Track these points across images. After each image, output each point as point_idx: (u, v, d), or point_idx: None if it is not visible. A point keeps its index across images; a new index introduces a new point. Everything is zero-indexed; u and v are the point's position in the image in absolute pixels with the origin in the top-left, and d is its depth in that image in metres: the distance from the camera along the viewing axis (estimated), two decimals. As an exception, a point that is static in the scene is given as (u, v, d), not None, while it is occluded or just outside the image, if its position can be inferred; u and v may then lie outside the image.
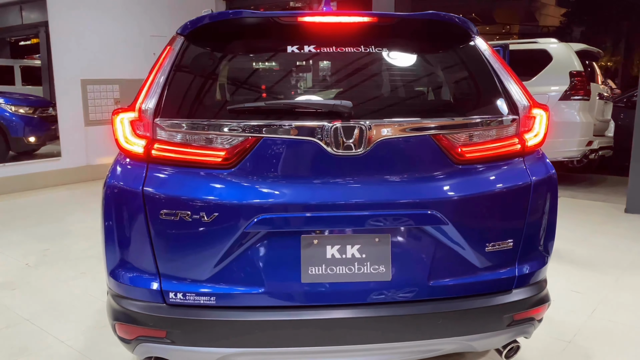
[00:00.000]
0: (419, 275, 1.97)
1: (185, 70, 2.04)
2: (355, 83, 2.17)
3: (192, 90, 2.02)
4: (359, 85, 2.17)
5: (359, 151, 1.89)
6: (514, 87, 2.08)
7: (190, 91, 2.02)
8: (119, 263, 1.98)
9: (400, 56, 2.20)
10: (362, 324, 1.95)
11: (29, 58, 10.87)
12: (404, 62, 2.22)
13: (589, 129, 7.14)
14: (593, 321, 3.22)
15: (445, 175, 1.96)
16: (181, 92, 1.99)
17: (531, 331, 2.17)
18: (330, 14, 2.11)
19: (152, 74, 2.01)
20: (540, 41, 7.58)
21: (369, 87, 2.20)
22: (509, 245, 2.04)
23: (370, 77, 2.18)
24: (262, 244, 1.91)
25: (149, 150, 1.93)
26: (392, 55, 2.17)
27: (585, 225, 5.45)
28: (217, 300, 1.92)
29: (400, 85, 2.24)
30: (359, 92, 2.13)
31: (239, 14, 2.10)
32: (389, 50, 2.15)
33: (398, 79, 2.24)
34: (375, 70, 2.19)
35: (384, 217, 1.91)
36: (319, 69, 2.28)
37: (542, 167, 2.11)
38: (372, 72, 2.18)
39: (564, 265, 4.21)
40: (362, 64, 2.14)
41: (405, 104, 2.13)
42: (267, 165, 1.90)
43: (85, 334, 3.05)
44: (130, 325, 1.97)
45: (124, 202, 1.92)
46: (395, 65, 2.21)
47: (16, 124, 8.20)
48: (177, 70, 2.01)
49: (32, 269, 4.16)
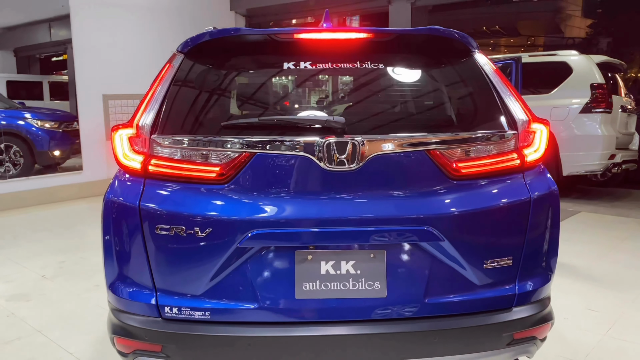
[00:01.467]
0: (415, 292, 1.94)
1: (183, 87, 2.07)
2: (350, 98, 2.18)
3: (189, 107, 2.05)
4: (354, 100, 2.17)
5: (352, 167, 1.88)
6: (512, 102, 2.06)
7: (188, 108, 2.04)
8: (117, 277, 2.01)
9: (397, 71, 2.19)
10: (357, 341, 1.93)
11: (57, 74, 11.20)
12: (400, 78, 2.21)
13: (611, 142, 6.99)
14: (607, 341, 3.13)
15: (441, 191, 1.94)
16: (178, 109, 2.02)
17: (533, 350, 2.12)
18: (327, 30, 2.12)
19: (151, 91, 2.05)
20: (560, 53, 7.49)
21: (365, 102, 2.20)
22: (508, 263, 2.00)
23: (367, 92, 2.18)
24: (256, 259, 1.91)
25: (146, 166, 1.96)
26: (389, 71, 2.17)
27: (605, 241, 5.32)
28: (212, 315, 1.92)
29: (396, 101, 2.23)
30: (354, 107, 2.13)
31: (237, 32, 2.13)
32: (385, 66, 2.15)
33: (394, 94, 2.23)
34: (372, 85, 2.19)
35: (379, 233, 1.89)
36: (315, 85, 2.29)
37: (543, 182, 2.07)
38: (368, 88, 2.18)
39: (580, 283, 4.11)
40: (358, 80, 2.14)
41: (400, 120, 2.13)
42: (260, 180, 1.91)
43: (94, 345, 3.08)
44: (128, 339, 1.98)
45: (122, 217, 1.95)
46: (392, 81, 2.21)
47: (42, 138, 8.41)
48: (175, 87, 2.05)
49: (48, 281, 4.24)
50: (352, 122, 1.97)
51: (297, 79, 2.28)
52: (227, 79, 2.19)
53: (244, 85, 2.24)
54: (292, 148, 1.88)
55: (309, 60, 2.12)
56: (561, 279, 4.17)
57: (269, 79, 2.28)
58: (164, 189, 1.95)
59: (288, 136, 1.91)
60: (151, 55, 8.26)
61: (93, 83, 7.72)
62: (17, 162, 7.79)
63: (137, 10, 8.28)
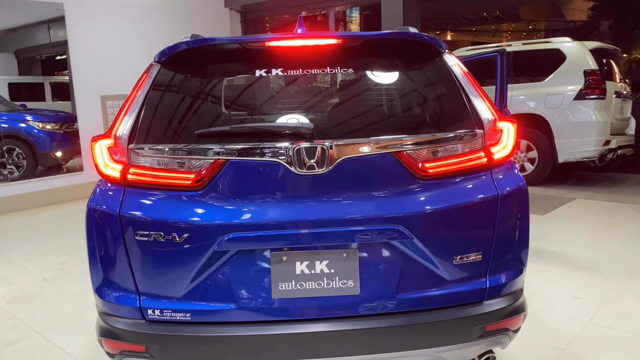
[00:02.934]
0: (388, 288, 2.01)
1: (160, 97, 2.14)
2: (321, 103, 2.24)
3: (165, 116, 2.12)
4: (325, 105, 2.23)
5: (322, 170, 1.95)
6: (479, 102, 2.11)
7: (164, 117, 2.12)
8: (102, 282, 2.09)
9: (367, 76, 2.25)
10: (333, 337, 2.00)
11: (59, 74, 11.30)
12: (370, 82, 2.27)
13: (605, 128, 7.01)
14: (591, 328, 3.20)
15: (409, 190, 2.01)
16: (155, 119, 2.09)
17: (506, 342, 2.19)
18: (299, 37, 2.18)
19: (129, 101, 2.12)
20: (553, 40, 7.49)
21: (335, 106, 2.26)
22: (478, 258, 2.06)
23: (337, 97, 2.25)
24: (233, 262, 1.99)
25: (125, 175, 2.04)
26: (359, 75, 2.23)
27: (597, 227, 5.37)
28: (193, 316, 2.01)
29: (366, 104, 2.29)
30: (325, 112, 2.20)
31: (213, 41, 2.19)
32: (355, 70, 2.21)
33: (364, 98, 2.29)
34: (342, 90, 2.25)
35: (350, 233, 1.96)
36: (287, 91, 2.36)
37: (511, 178, 2.13)
38: (339, 92, 2.24)
39: (569, 271, 4.17)
40: (329, 85, 2.21)
41: (369, 123, 2.18)
42: (234, 186, 1.98)
43: (91, 345, 3.18)
44: (114, 340, 2.07)
45: (103, 225, 2.03)
46: (361, 85, 2.27)
47: (43, 140, 8.51)
48: (152, 97, 2.12)
49: (49, 283, 4.35)
50: (322, 127, 2.04)
51: (270, 85, 2.35)
52: (203, 88, 2.26)
53: (219, 93, 2.31)
54: (264, 154, 1.95)
55: (281, 67, 2.19)
56: (550, 267, 4.23)
57: (243, 87, 2.35)
58: (143, 197, 2.02)
59: (260, 143, 1.98)
60: (147, 54, 8.23)
61: (90, 84, 7.81)
62: (20, 165, 7.91)
63: (132, 10, 8.34)
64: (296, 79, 2.30)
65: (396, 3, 7.86)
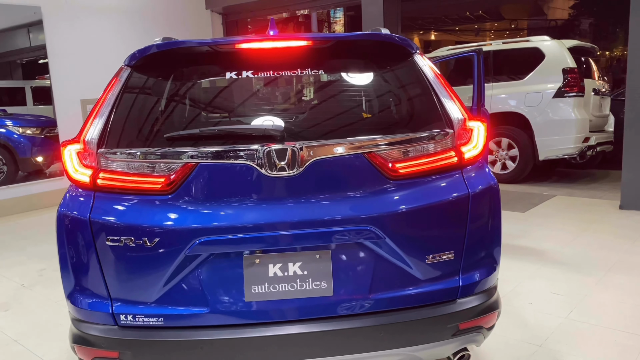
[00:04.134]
0: (361, 289, 2.02)
1: (130, 100, 2.12)
2: (291, 105, 2.24)
3: (135, 119, 2.11)
4: (295, 107, 2.23)
5: (292, 172, 1.95)
6: (448, 102, 2.13)
7: (134, 121, 2.10)
8: (74, 288, 2.07)
9: (338, 77, 2.26)
10: (307, 339, 2.00)
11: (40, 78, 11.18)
12: (341, 83, 2.27)
13: (584, 125, 7.10)
14: (568, 323, 3.23)
15: (380, 191, 2.02)
16: (124, 122, 2.08)
17: (480, 340, 2.20)
18: (269, 39, 2.18)
19: (98, 106, 2.10)
20: (532, 39, 7.57)
21: (305, 108, 2.26)
22: (450, 257, 2.08)
23: (308, 98, 2.25)
24: (205, 265, 1.98)
25: (94, 180, 2.02)
26: (329, 77, 2.23)
27: (576, 224, 5.43)
28: (165, 321, 1.99)
29: (336, 106, 2.30)
30: (295, 113, 2.20)
31: (183, 44, 2.18)
32: (326, 72, 2.22)
33: (335, 100, 2.29)
34: (313, 92, 2.25)
35: (322, 234, 1.96)
36: (257, 93, 2.35)
37: (482, 178, 2.14)
38: (310, 94, 2.24)
39: (548, 267, 4.21)
40: (299, 87, 2.21)
41: (339, 124, 2.19)
42: (205, 189, 1.97)
43: (68, 352, 3.14)
44: (87, 347, 2.05)
45: (74, 230, 2.02)
46: (332, 86, 2.28)
47: (24, 145, 8.41)
48: (121, 101, 2.10)
49: (27, 290, 4.30)
50: (293, 129, 2.04)
51: (240, 87, 2.34)
52: (173, 90, 2.24)
53: (190, 96, 2.30)
54: (234, 157, 1.95)
55: (252, 69, 2.18)
56: (528, 264, 4.27)
57: (213, 89, 2.34)
58: (113, 202, 2.01)
59: (230, 145, 1.97)
60: (128, 57, 8.25)
61: (70, 88, 7.73)
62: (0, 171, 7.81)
63: (111, 12, 8.28)
64: (267, 80, 2.30)
65: (376, 3, 7.88)
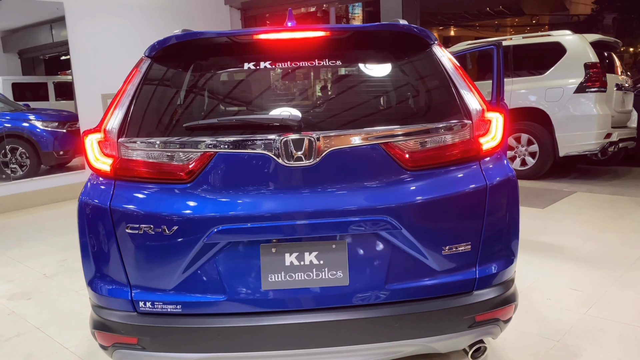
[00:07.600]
0: (376, 279, 2.02)
1: (150, 91, 2.15)
2: (310, 96, 2.24)
3: (154, 110, 2.14)
4: (313, 97, 2.24)
5: (309, 162, 1.96)
6: (467, 93, 2.11)
7: (153, 111, 2.13)
8: (95, 275, 2.11)
9: (357, 68, 2.26)
10: (322, 328, 2.01)
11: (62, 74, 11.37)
12: (359, 73, 2.27)
13: (606, 121, 6.98)
14: (587, 319, 3.19)
15: (396, 181, 2.02)
16: (145, 112, 2.11)
17: (497, 332, 2.19)
18: (287, 30, 2.19)
19: (119, 96, 2.13)
20: (554, 34, 7.46)
21: (323, 98, 2.27)
22: (467, 248, 2.07)
23: (326, 89, 2.25)
24: (223, 253, 2.00)
25: (115, 168, 2.05)
26: (347, 68, 2.24)
27: (596, 220, 5.35)
28: (183, 308, 2.02)
29: (354, 96, 2.30)
30: (312, 104, 2.21)
31: (202, 35, 2.21)
32: (345, 63, 2.22)
33: (353, 90, 2.29)
34: (331, 82, 2.26)
35: (338, 224, 1.97)
36: (276, 83, 2.36)
37: (500, 169, 2.13)
38: (328, 85, 2.25)
39: (567, 263, 4.16)
40: (318, 77, 2.21)
41: (356, 115, 2.19)
42: (223, 178, 2.00)
43: (89, 340, 3.20)
44: (107, 333, 2.09)
45: (95, 218, 2.06)
46: (350, 77, 2.28)
47: (46, 139, 8.57)
48: (141, 91, 2.13)
49: (49, 279, 4.38)
50: (310, 119, 2.05)
51: (258, 78, 2.35)
52: (192, 81, 2.27)
53: (208, 87, 2.32)
54: (251, 146, 1.96)
55: (270, 59, 2.20)
56: (548, 259, 4.23)
57: (232, 80, 2.36)
58: (133, 190, 2.04)
59: (247, 135, 1.99)
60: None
61: (91, 83, 7.85)
62: (23, 164, 7.96)
63: (131, 8, 8.37)
64: (285, 71, 2.31)
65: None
